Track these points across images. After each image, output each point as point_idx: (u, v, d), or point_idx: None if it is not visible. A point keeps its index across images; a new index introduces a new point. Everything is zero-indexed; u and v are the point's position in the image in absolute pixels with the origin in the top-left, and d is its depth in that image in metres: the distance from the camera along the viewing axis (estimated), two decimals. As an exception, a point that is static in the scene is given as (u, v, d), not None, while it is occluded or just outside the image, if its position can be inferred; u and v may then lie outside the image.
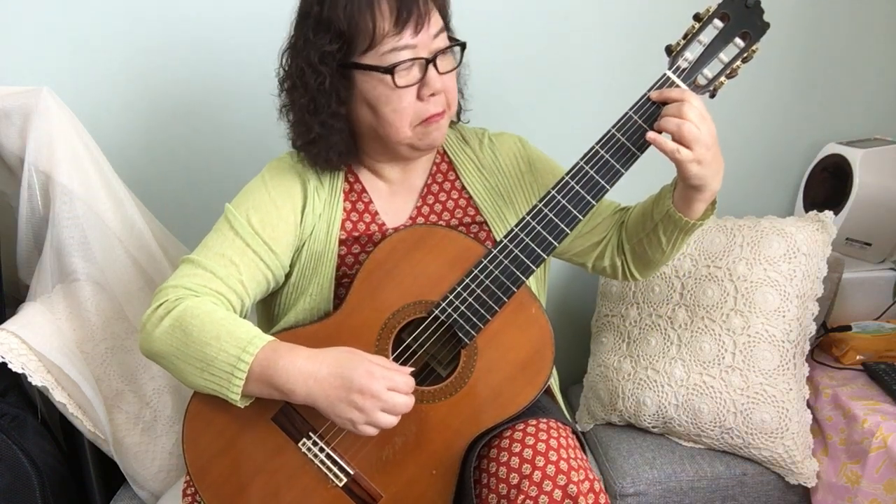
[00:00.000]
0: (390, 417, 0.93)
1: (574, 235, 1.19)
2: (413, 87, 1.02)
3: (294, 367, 0.94)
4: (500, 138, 1.22)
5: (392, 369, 0.95)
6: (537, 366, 1.02)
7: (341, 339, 1.02)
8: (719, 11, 1.00)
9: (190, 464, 1.01)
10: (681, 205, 1.06)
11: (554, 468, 0.95)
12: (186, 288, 1.02)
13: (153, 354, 1.01)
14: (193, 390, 1.01)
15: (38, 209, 1.30)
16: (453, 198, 1.17)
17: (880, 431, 1.27)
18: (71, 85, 1.50)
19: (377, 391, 0.92)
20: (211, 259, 1.04)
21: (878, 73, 1.68)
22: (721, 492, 1.37)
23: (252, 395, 0.98)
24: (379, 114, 1.04)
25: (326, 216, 1.12)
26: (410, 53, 1.00)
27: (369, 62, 1.01)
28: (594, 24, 1.60)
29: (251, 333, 0.97)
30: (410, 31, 0.99)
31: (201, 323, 0.97)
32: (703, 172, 0.98)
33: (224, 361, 0.95)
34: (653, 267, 1.20)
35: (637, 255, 1.18)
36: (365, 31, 0.99)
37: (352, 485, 1.00)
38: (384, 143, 1.09)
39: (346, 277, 1.11)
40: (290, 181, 1.12)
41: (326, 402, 0.93)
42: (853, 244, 1.61)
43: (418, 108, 1.04)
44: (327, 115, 1.05)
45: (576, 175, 1.00)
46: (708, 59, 1.01)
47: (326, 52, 1.01)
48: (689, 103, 0.96)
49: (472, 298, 1.01)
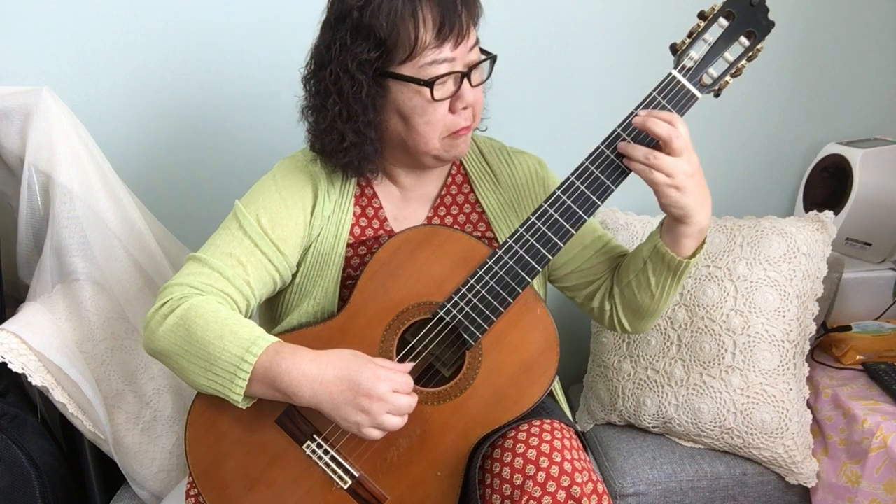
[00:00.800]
0: (396, 419, 0.93)
1: (572, 260, 1.18)
2: (447, 100, 1.02)
3: (298, 369, 0.93)
4: (520, 157, 1.21)
5: (394, 369, 0.95)
6: (542, 367, 1.02)
7: (345, 340, 1.01)
8: (724, 10, 1.00)
9: (193, 466, 1.01)
10: (668, 240, 1.05)
11: (558, 469, 0.95)
12: (192, 286, 1.01)
13: (157, 352, 1.00)
14: (197, 392, 1.01)
15: (38, 209, 1.30)
16: (465, 211, 1.16)
17: (880, 431, 1.27)
18: (71, 85, 1.50)
19: (383, 394, 0.92)
20: (218, 258, 1.04)
21: (878, 73, 1.69)
22: (721, 492, 1.37)
23: (255, 397, 0.97)
24: (410, 124, 1.04)
25: (336, 219, 1.11)
26: (448, 67, 1.00)
27: (407, 73, 1.00)
28: (598, 22, 1.60)
29: (255, 334, 0.96)
30: (451, 44, 0.99)
31: (205, 322, 0.96)
32: (685, 201, 0.98)
33: (227, 361, 0.94)
34: (642, 316, 1.14)
35: (626, 300, 1.14)
36: (406, 41, 0.98)
37: (357, 487, 1.00)
38: (409, 152, 1.08)
39: (350, 280, 1.10)
40: (301, 181, 1.11)
41: (332, 406, 0.93)
42: (853, 244, 1.61)
43: (449, 121, 1.04)
44: (362, 123, 1.04)
45: (581, 175, 1.01)
46: (713, 57, 1.00)
47: (364, 60, 1.00)
48: (677, 131, 0.95)
49: (477, 300, 1.00)
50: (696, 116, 1.06)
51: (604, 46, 1.61)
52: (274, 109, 1.55)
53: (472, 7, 1.02)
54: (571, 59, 1.62)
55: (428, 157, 1.07)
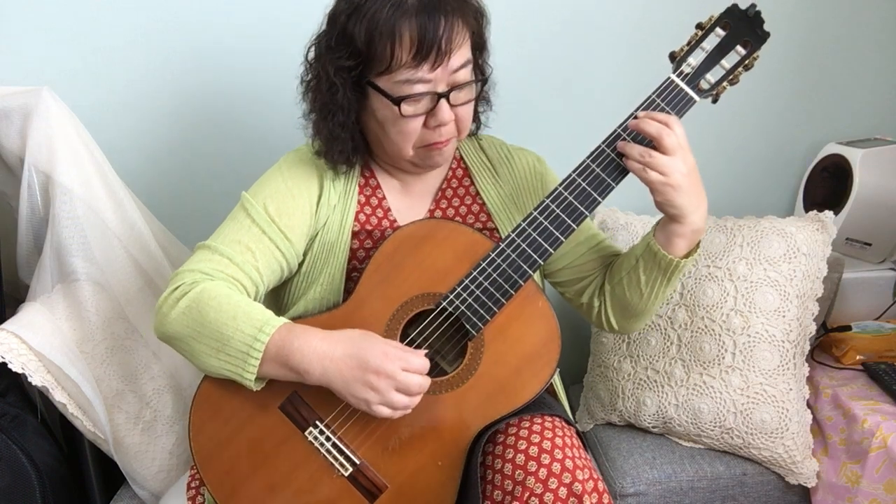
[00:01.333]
0: (405, 398, 0.94)
1: (565, 256, 1.20)
2: (420, 116, 1.04)
3: (309, 347, 0.94)
4: (520, 152, 1.23)
5: (407, 350, 0.96)
6: (544, 359, 1.03)
7: (350, 329, 1.02)
8: (721, 20, 1.04)
9: (195, 452, 1.01)
10: (661, 239, 1.06)
11: (559, 466, 0.95)
12: (203, 272, 1.03)
13: (168, 337, 1.01)
14: (201, 379, 1.02)
15: (38, 209, 1.30)
16: (466, 203, 1.19)
17: (880, 431, 1.27)
18: (71, 85, 1.50)
19: (392, 371, 0.93)
20: (227, 245, 1.06)
21: (878, 73, 1.69)
22: (721, 492, 1.37)
23: (266, 377, 0.99)
24: (384, 130, 1.06)
25: (341, 207, 1.13)
26: (424, 87, 1.01)
27: (382, 85, 1.02)
28: (600, 23, 1.60)
29: (266, 315, 0.98)
30: (428, 66, 0.99)
31: (218, 304, 0.97)
32: (681, 200, 1.00)
33: (240, 341, 0.96)
34: (630, 315, 1.16)
35: (616, 298, 1.15)
36: (383, 56, 0.99)
37: (357, 474, 1.01)
38: (388, 154, 1.11)
39: (355, 271, 1.12)
40: (307, 171, 1.13)
41: (342, 382, 0.94)
42: (853, 244, 1.61)
43: (424, 134, 1.06)
44: (336, 123, 1.07)
45: (582, 172, 1.03)
46: (710, 65, 1.04)
47: (342, 66, 1.02)
48: (669, 130, 0.98)
49: (480, 291, 1.02)
50: (696, 117, 1.06)
51: (605, 47, 1.61)
52: (275, 108, 1.55)
53: (463, 35, 1.02)
54: (573, 60, 1.62)
55: (404, 163, 1.11)
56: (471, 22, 1.04)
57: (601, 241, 1.21)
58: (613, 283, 1.15)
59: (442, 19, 0.98)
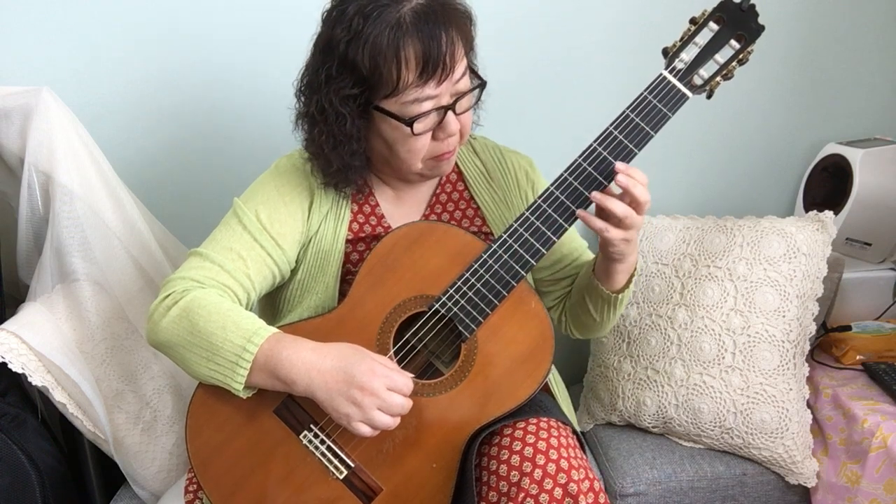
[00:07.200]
0: (387, 418, 0.94)
1: (545, 271, 1.23)
2: (429, 131, 1.04)
3: (298, 357, 0.95)
4: (512, 156, 1.24)
5: (394, 370, 0.96)
6: (537, 359, 1.03)
7: (343, 332, 1.03)
8: (714, 14, 1.03)
9: (192, 455, 1.02)
10: (602, 276, 1.10)
11: (555, 466, 0.95)
12: (194, 280, 1.03)
13: (159, 344, 1.02)
14: (197, 384, 1.02)
15: (38, 209, 1.30)
16: (461, 207, 1.19)
17: (880, 431, 1.27)
18: (71, 85, 1.50)
19: (376, 389, 0.92)
20: (219, 252, 1.06)
21: (878, 73, 1.68)
22: (721, 492, 1.37)
23: (255, 386, 0.99)
24: (393, 151, 1.06)
25: (334, 215, 1.13)
26: (432, 103, 1.01)
27: (390, 108, 1.01)
28: (595, 22, 1.59)
29: (256, 324, 0.98)
30: (434, 83, 0.99)
31: (208, 313, 0.98)
32: (628, 249, 1.03)
33: (229, 351, 0.96)
34: (590, 332, 1.23)
35: (574, 316, 1.22)
36: (389, 80, 0.99)
37: (352, 477, 1.01)
38: (395, 169, 1.11)
39: (350, 275, 1.12)
40: (298, 179, 1.13)
41: (325, 394, 0.94)
42: (853, 244, 1.61)
43: (433, 147, 1.06)
44: (347, 153, 1.06)
45: (573, 172, 1.03)
46: (703, 60, 1.03)
47: (348, 95, 1.01)
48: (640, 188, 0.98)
49: (472, 292, 1.02)
50: (696, 116, 1.07)
51: (600, 46, 1.61)
52: (274, 110, 1.54)
53: (460, 44, 1.02)
54: (568, 60, 1.61)
55: (412, 175, 1.11)
56: (464, 29, 1.03)
57: (576, 258, 1.23)
58: (572, 303, 1.21)
59: (443, 34, 0.98)
